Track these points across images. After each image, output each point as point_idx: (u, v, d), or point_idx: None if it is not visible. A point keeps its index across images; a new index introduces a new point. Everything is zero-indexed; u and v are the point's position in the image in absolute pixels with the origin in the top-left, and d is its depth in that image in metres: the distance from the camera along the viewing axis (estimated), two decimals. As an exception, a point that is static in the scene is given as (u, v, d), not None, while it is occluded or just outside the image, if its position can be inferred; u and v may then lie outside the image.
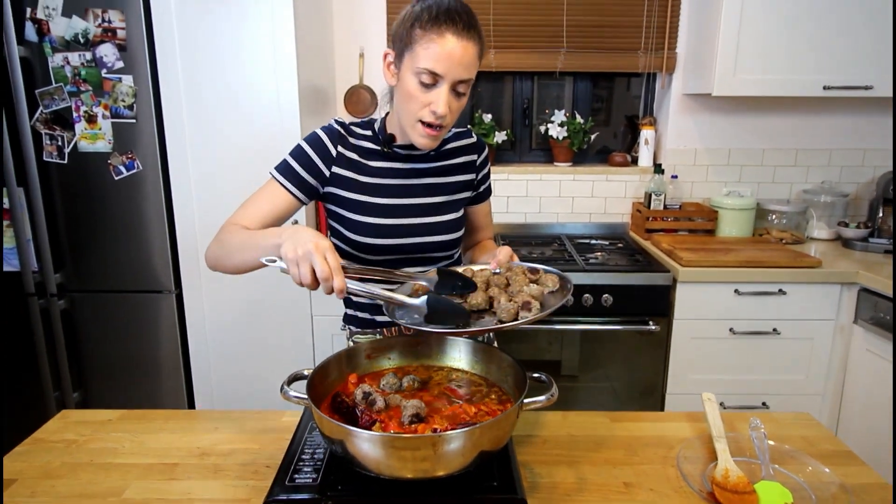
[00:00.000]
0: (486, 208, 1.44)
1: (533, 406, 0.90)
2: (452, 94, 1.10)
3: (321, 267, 0.89)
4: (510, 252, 1.16)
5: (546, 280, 1.08)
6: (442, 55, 1.05)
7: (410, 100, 1.10)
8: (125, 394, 2.32)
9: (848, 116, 2.68)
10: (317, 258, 0.90)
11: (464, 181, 1.32)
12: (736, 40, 2.26)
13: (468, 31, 1.07)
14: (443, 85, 1.08)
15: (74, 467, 1.03)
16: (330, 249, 0.92)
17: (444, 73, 1.07)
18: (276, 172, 1.21)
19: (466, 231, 1.46)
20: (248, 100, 2.09)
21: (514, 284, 1.05)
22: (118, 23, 2.01)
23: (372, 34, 2.61)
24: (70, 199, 2.15)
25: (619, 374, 2.29)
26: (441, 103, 1.08)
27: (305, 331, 2.27)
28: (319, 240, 0.92)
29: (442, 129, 1.14)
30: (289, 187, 1.19)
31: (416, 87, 1.09)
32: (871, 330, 2.06)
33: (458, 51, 1.06)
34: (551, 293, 1.05)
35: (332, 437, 0.85)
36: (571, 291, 1.03)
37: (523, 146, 2.91)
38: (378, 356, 1.12)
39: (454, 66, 1.06)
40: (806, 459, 0.99)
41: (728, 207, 2.57)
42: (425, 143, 1.15)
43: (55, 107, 2.07)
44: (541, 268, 1.12)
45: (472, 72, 1.10)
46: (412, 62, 1.08)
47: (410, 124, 1.14)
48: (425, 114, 1.11)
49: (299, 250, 0.91)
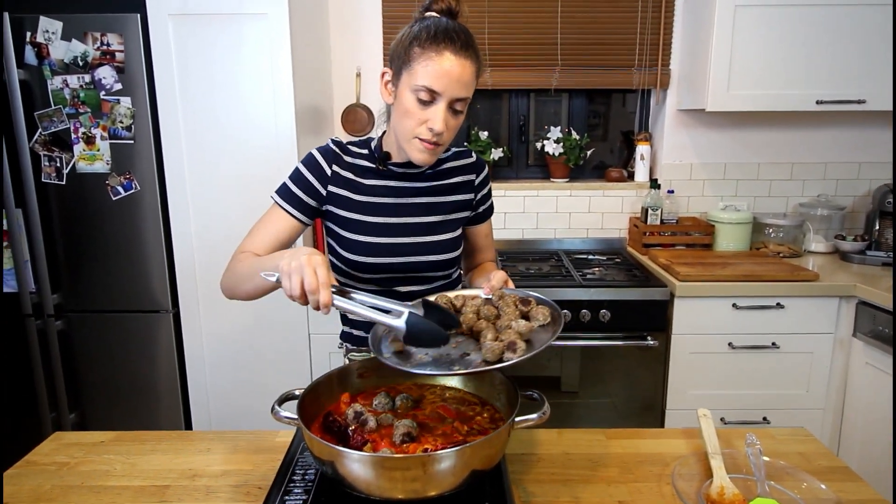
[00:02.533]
0: (486, 229, 1.43)
1: (525, 424, 0.89)
2: (450, 112, 1.11)
3: (309, 279, 0.90)
4: (504, 277, 1.13)
5: (537, 313, 1.02)
6: (440, 73, 1.07)
7: (408, 117, 1.11)
8: (122, 414, 2.31)
9: (842, 130, 2.69)
10: (307, 271, 0.90)
11: (461, 201, 1.32)
12: (728, 56, 2.28)
13: (466, 50, 1.09)
14: (440, 102, 1.09)
15: (66, 490, 1.02)
16: (321, 265, 0.93)
17: (442, 91, 1.08)
18: (276, 196, 1.23)
19: (467, 252, 1.45)
20: (245, 120, 2.11)
21: (503, 317, 1.01)
22: (117, 45, 2.03)
23: (369, 54, 2.64)
24: (68, 219, 2.17)
25: (618, 389, 2.27)
26: (438, 120, 1.09)
27: (303, 350, 2.26)
28: (314, 255, 0.93)
29: (439, 145, 1.14)
30: (290, 210, 1.22)
31: (413, 105, 1.10)
32: (871, 343, 2.05)
33: (457, 69, 1.07)
34: (542, 327, 1.01)
35: (322, 458, 0.84)
36: (562, 326, 0.98)
37: (520, 163, 2.93)
38: (370, 375, 1.12)
39: (452, 83, 1.08)
40: (802, 476, 0.98)
41: (725, 222, 2.58)
42: (423, 158, 1.15)
43: (54, 128, 2.09)
44: (533, 298, 1.07)
45: (469, 90, 1.11)
46: (410, 80, 1.09)
47: (407, 140, 1.14)
48: (422, 131, 1.11)
49: (293, 263, 0.92)
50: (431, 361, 0.92)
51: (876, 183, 2.70)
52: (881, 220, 2.48)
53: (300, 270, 0.91)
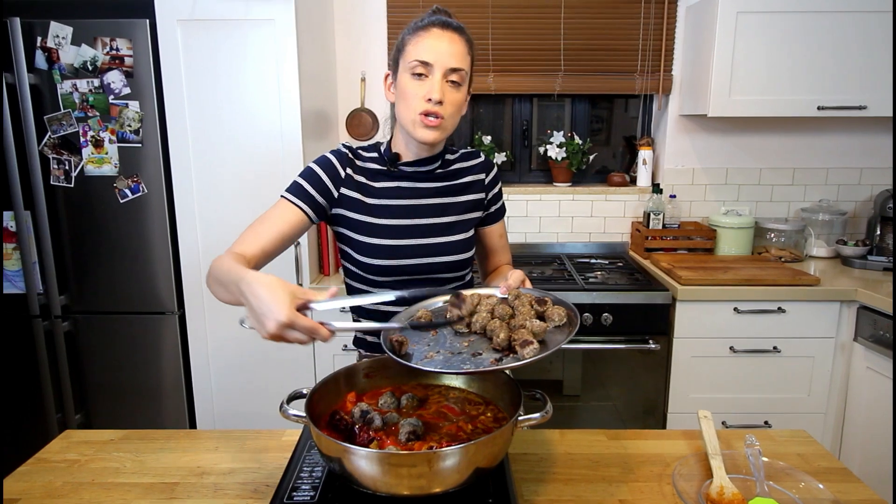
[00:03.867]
0: (499, 229, 1.42)
1: (528, 423, 0.91)
2: (447, 85, 1.15)
3: (297, 337, 0.85)
4: (522, 276, 1.11)
5: (553, 313, 1.00)
6: (429, 46, 1.13)
7: (408, 98, 1.16)
8: (127, 415, 2.33)
9: (844, 136, 2.71)
10: (289, 335, 0.84)
11: (473, 201, 1.33)
12: (730, 62, 2.30)
13: (453, 27, 1.16)
14: (435, 73, 1.14)
15: (77, 487, 1.04)
16: (289, 318, 0.82)
17: (434, 61, 1.13)
18: (287, 193, 1.23)
19: (481, 255, 1.44)
20: (251, 124, 2.13)
21: (518, 316, 0.98)
22: (126, 51, 2.06)
23: (373, 58, 2.66)
24: (76, 221, 2.19)
25: (620, 393, 2.28)
26: (436, 90, 1.13)
27: (307, 351, 2.28)
28: (273, 314, 0.82)
29: (442, 118, 1.15)
30: (300, 205, 1.21)
31: (411, 83, 1.15)
32: (872, 347, 2.06)
33: (445, 40, 1.14)
34: (557, 328, 0.99)
35: (330, 455, 0.86)
36: (578, 327, 0.96)
37: (523, 167, 2.95)
38: (376, 375, 1.13)
39: (443, 54, 1.13)
40: (800, 476, 0.99)
41: (727, 226, 2.59)
42: (430, 136, 1.17)
43: (63, 132, 2.12)
44: (549, 298, 1.04)
45: (462, 62, 1.16)
46: (405, 63, 1.16)
47: (411, 122, 1.17)
48: (423, 105, 1.14)
49: (265, 332, 0.84)
50: (442, 360, 0.92)
51: (877, 188, 2.72)
52: (882, 225, 2.49)
53: (283, 335, 0.84)
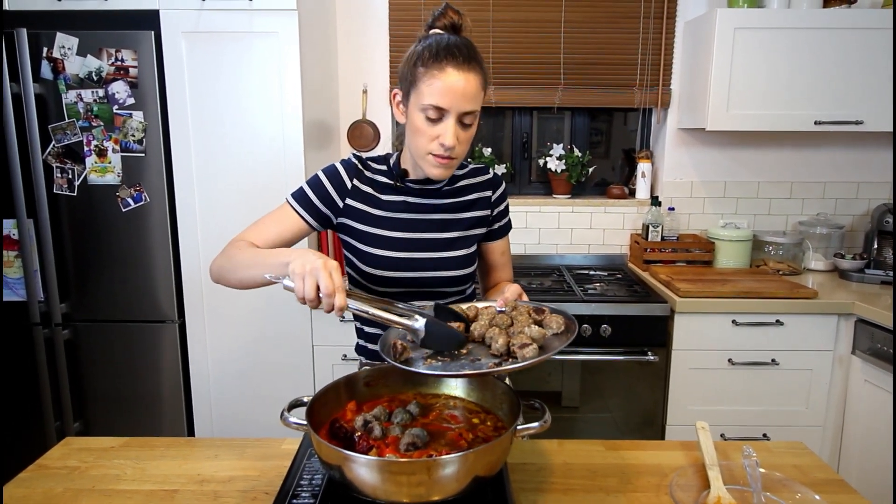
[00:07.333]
0: (501, 246, 1.41)
1: (527, 432, 0.92)
2: (459, 126, 1.13)
3: (326, 283, 0.91)
4: (518, 290, 1.14)
5: (551, 321, 1.03)
6: (444, 90, 1.09)
7: (419, 135, 1.14)
8: (126, 423, 2.32)
9: (841, 150, 2.74)
10: (323, 274, 0.91)
11: (478, 217, 1.33)
12: (728, 77, 2.33)
13: (468, 63, 1.10)
14: (449, 118, 1.11)
15: (77, 494, 1.04)
16: (336, 269, 0.94)
17: (449, 107, 1.10)
18: (290, 198, 1.26)
19: (483, 271, 1.44)
20: (253, 135, 2.15)
21: (516, 325, 1.01)
22: (131, 61, 2.09)
23: (375, 71, 2.69)
24: (78, 230, 2.20)
25: (619, 404, 2.29)
26: (449, 136, 1.11)
27: (306, 361, 2.29)
28: (328, 259, 0.95)
29: (453, 159, 1.16)
30: (301, 212, 1.24)
31: (423, 123, 1.13)
32: (870, 361, 2.07)
33: (461, 84, 1.09)
34: (555, 335, 1.01)
35: (330, 463, 0.87)
36: (576, 334, 0.99)
37: (522, 179, 2.97)
38: (376, 384, 1.14)
39: (457, 99, 1.10)
40: (797, 487, 1.00)
41: (725, 239, 2.61)
42: (439, 173, 1.18)
43: (67, 141, 2.13)
44: (547, 307, 1.07)
45: (476, 103, 1.13)
46: (417, 100, 1.12)
47: (421, 157, 1.17)
48: (435, 147, 1.14)
49: (307, 266, 0.93)
50: (441, 365, 0.94)
51: (875, 202, 2.74)
52: (880, 238, 2.51)
53: (315, 273, 0.92)
